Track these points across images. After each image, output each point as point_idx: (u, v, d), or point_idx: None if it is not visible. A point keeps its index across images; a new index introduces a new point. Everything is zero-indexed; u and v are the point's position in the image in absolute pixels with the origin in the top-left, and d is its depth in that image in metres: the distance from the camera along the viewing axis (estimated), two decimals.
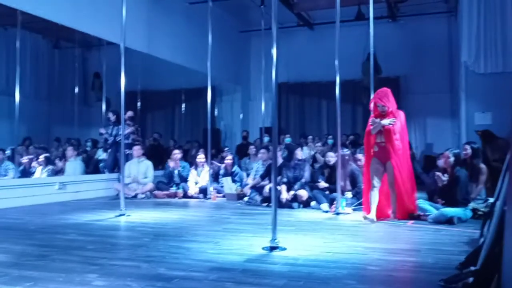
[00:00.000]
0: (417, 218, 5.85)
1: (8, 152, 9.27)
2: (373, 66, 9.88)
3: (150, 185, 8.85)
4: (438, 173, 6.00)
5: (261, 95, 12.31)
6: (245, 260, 3.77)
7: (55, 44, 13.99)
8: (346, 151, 7.54)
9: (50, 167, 8.85)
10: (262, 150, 8.70)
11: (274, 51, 4.46)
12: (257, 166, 8.45)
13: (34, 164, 9.07)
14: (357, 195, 6.90)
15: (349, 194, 6.83)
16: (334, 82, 6.88)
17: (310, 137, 12.08)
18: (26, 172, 8.98)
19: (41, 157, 8.97)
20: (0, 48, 10.98)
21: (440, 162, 6.26)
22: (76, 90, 13.34)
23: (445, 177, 5.93)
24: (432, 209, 5.88)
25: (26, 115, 10.70)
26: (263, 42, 11.33)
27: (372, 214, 5.76)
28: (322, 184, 7.32)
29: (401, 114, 5.97)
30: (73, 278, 3.20)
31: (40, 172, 8.73)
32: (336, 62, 6.89)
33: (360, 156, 7.49)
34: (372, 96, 8.93)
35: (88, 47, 14.38)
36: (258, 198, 7.71)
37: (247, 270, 3.44)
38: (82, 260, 3.73)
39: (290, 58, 13.40)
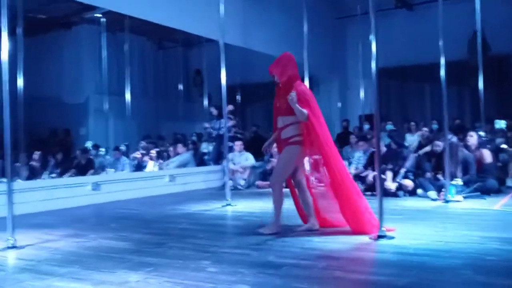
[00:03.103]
0: None
1: (122, 147, 10.01)
2: (480, 44, 9.24)
3: (250, 168, 9.14)
4: None
5: (359, 82, 12.05)
6: (353, 248, 3.75)
7: (159, 45, 14.81)
8: (452, 138, 7.13)
9: (160, 161, 9.43)
10: (361, 143, 8.55)
11: (373, 36, 4.36)
12: (359, 155, 8.32)
13: (146, 158, 9.70)
14: (468, 182, 6.54)
15: (458, 181, 6.49)
16: (437, 63, 6.55)
17: (413, 123, 11.61)
18: (139, 166, 9.63)
19: (153, 152, 9.59)
20: (110, 52, 11.82)
21: None
22: (180, 87, 13.99)
23: None
24: None
25: (136, 113, 11.47)
26: (359, 28, 11.09)
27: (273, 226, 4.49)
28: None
29: (301, 88, 4.50)
30: (189, 265, 3.39)
31: (152, 166, 9.33)
32: (440, 43, 6.54)
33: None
34: (481, 76, 8.42)
35: (189, 45, 15.05)
36: (361, 187, 7.58)
37: (356, 259, 3.42)
38: (195, 248, 3.94)
39: (388, 42, 12.90)
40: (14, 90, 6.60)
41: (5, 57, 4.39)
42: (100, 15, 10.98)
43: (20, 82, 7.94)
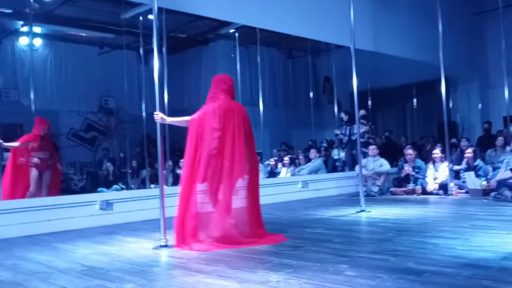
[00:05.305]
0: None
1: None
2: None
3: (384, 175, 8.93)
4: None
5: (502, 80, 11.12)
6: (502, 258, 3.50)
7: (289, 55, 15.18)
8: None
9: (293, 167, 9.66)
10: None
11: None
12: (508, 158, 7.69)
13: (279, 165, 10.01)
14: None
15: None
16: None
17: None
18: (273, 173, 9.96)
19: (286, 159, 9.86)
20: (243, 64, 12.41)
21: None
22: (311, 95, 14.17)
23: None
24: None
25: (268, 121, 11.86)
26: (501, 22, 10.27)
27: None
28: None
29: (205, 108, 4.66)
30: (327, 268, 3.44)
31: (285, 172, 9.60)
32: None
33: None
34: None
35: (317, 53, 15.19)
36: (508, 193, 7.03)
37: (506, 269, 3.19)
38: (332, 252, 3.98)
39: None
40: (162, 104, 7.26)
41: (156, 75, 4.90)
42: (233, 30, 11.60)
43: (166, 96, 8.70)
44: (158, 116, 4.68)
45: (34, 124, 7.56)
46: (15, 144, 7.37)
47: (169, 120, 4.81)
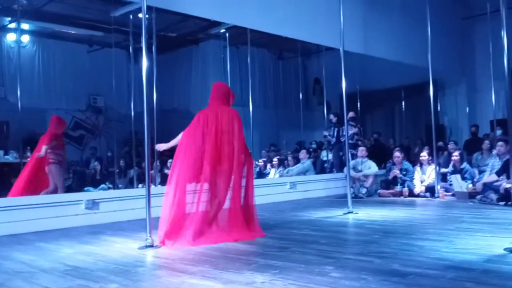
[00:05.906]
0: None
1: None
2: None
3: (372, 176, 8.96)
4: None
5: (490, 84, 11.23)
6: (485, 260, 3.53)
7: (279, 56, 15.20)
8: None
9: (281, 168, 9.66)
10: (500, 143, 7.92)
11: (504, 34, 4.09)
12: (493, 162, 7.76)
13: (267, 166, 10.01)
14: None
15: None
16: None
17: None
18: (261, 173, 9.95)
19: (275, 160, 9.86)
20: (233, 65, 12.37)
21: None
22: (301, 96, 14.19)
23: None
24: None
25: (257, 122, 11.86)
26: (489, 27, 10.39)
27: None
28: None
29: (196, 116, 5.10)
30: (312, 269, 3.45)
31: (273, 173, 9.60)
32: None
33: None
34: None
35: (307, 55, 15.22)
36: (493, 196, 7.09)
37: (489, 271, 3.22)
38: (318, 253, 3.99)
39: None
40: (151, 103, 7.22)
41: (144, 74, 4.86)
42: (224, 30, 11.58)
43: (155, 96, 8.66)
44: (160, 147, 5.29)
45: (53, 123, 7.60)
46: (46, 146, 7.37)
47: (169, 145, 5.22)
